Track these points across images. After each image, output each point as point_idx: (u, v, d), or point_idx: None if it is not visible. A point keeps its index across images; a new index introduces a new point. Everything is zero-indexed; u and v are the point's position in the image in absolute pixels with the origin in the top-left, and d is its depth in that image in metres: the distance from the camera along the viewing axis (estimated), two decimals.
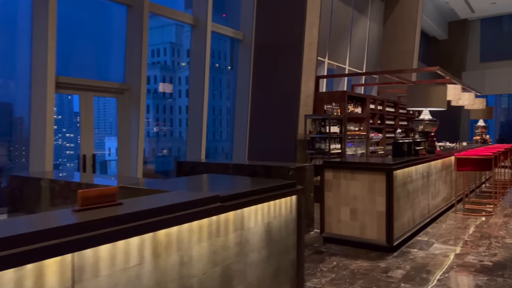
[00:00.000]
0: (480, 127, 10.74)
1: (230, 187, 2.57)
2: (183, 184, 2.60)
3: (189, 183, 2.62)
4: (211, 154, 9.28)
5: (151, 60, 18.98)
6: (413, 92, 5.87)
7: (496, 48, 17.76)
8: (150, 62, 13.69)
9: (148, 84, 14.21)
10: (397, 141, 5.03)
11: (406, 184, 4.60)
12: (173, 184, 2.56)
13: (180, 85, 37.85)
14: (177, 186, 2.45)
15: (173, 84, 19.86)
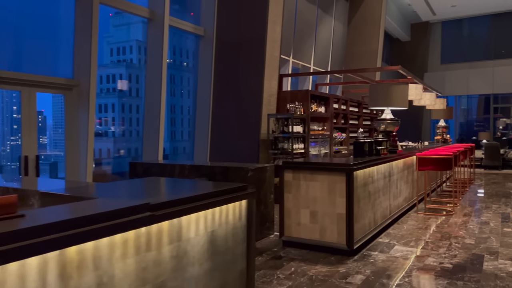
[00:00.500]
0: (441, 127, 10.94)
1: (168, 192, 2.31)
2: (115, 189, 2.32)
3: (121, 189, 2.34)
4: (172, 154, 8.96)
5: (116, 58, 18.38)
6: (375, 91, 5.79)
7: (456, 50, 18.30)
8: (115, 60, 13.25)
9: (113, 83, 13.63)
10: (358, 140, 4.92)
11: (367, 185, 4.48)
12: (104, 189, 2.27)
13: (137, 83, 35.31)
14: (107, 192, 2.16)
15: (141, 82, 19.25)
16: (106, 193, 2.14)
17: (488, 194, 7.96)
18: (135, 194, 2.23)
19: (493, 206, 6.63)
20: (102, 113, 28.93)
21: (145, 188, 2.33)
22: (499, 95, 18.35)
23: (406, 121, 17.77)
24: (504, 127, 20.78)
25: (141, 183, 2.48)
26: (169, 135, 17.59)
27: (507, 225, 5.29)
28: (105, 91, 26.45)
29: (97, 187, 2.41)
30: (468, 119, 22.25)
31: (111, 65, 25.33)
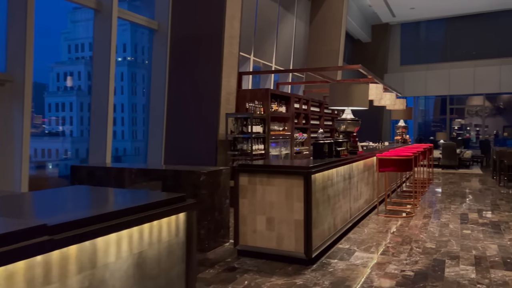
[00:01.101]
0: (401, 127, 11.02)
1: (83, 207, 1.94)
2: (11, 204, 1.91)
3: (18, 203, 1.94)
4: (133, 155, 8.48)
5: (74, 55, 17.51)
6: (335, 90, 5.61)
7: (414, 52, 18.71)
8: (73, 57, 12.68)
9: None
10: (317, 141, 4.70)
11: (326, 188, 4.26)
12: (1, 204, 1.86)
13: None
14: (2, 208, 1.77)
15: None
16: (1, 209, 1.74)
17: (447, 194, 8.02)
18: (37, 211, 1.84)
19: (451, 207, 6.63)
20: (59, 112, 27.81)
21: (53, 202, 1.95)
22: (454, 96, 18.94)
23: (367, 122, 17.96)
24: (459, 127, 21.52)
25: (52, 194, 2.09)
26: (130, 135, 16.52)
27: (466, 227, 5.25)
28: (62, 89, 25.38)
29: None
30: (426, 120, 22.90)
31: (68, 62, 24.18)
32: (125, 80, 53.01)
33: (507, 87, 16.23)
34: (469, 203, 7.04)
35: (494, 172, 10.38)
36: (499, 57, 16.23)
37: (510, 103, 20.87)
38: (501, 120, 21.07)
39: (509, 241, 4.54)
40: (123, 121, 50.10)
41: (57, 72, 53.04)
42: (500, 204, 6.91)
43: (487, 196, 7.76)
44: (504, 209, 6.43)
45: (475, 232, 4.97)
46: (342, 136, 5.83)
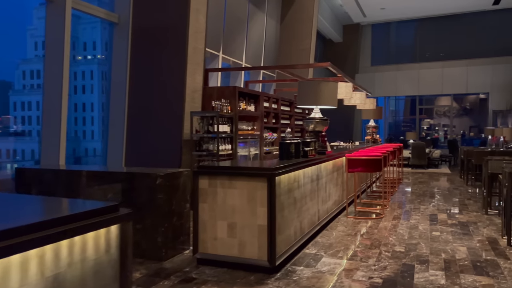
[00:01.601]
0: (371, 127, 10.99)
1: None
2: None
3: None
4: (93, 156, 8.03)
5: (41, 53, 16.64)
6: (303, 88, 5.40)
7: (384, 53, 18.90)
8: (40, 54, 11.95)
9: (38, 79, 12.06)
10: (284, 141, 4.47)
11: (292, 190, 4.03)
12: None
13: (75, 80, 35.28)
14: None
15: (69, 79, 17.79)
16: None
17: (416, 194, 7.98)
18: None
19: (421, 208, 6.56)
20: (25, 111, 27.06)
21: None
22: (423, 97, 19.24)
23: (338, 121, 17.95)
24: (428, 127, 21.93)
25: None
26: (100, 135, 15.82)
27: (436, 228, 5.14)
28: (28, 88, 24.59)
29: None
30: (397, 120, 23.22)
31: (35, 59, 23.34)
32: (95, 79, 51.40)
33: (473, 88, 16.60)
34: (438, 203, 7.00)
35: (462, 172, 10.49)
36: (466, 59, 16.56)
37: (476, 104, 21.43)
38: (467, 120, 21.61)
39: (478, 243, 4.45)
40: (92, 121, 48.57)
41: (22, 70, 50.80)
42: (468, 204, 6.90)
43: (455, 196, 7.77)
44: (472, 209, 6.40)
45: (444, 233, 4.87)
46: (311, 135, 5.64)
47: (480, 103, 20.79)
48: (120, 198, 3.96)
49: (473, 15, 16.42)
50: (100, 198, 4.02)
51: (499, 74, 15.83)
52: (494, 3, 14.87)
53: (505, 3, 14.87)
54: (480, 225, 5.31)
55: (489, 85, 16.11)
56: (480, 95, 19.94)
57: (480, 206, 6.58)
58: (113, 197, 3.99)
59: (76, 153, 37.61)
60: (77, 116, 45.47)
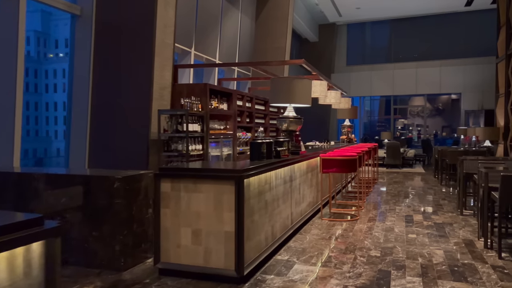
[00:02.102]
0: (346, 127, 10.88)
1: None
2: None
3: None
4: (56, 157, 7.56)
5: None
6: (276, 86, 5.17)
7: (360, 53, 18.95)
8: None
9: None
10: (255, 141, 4.21)
11: (263, 193, 3.78)
12: None
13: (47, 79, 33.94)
14: None
15: (40, 77, 17.36)
16: None
17: (391, 195, 7.88)
18: None
19: (396, 208, 6.43)
20: None
21: None
22: (398, 97, 19.40)
23: (313, 120, 17.84)
24: (402, 127, 22.16)
25: None
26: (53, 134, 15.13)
27: (412, 230, 5.00)
28: None
29: None
30: (372, 120, 23.39)
31: None
32: (67, 77, 49.80)
33: (446, 88, 16.82)
34: (413, 203, 6.90)
35: (436, 171, 10.51)
36: (439, 59, 16.76)
37: (448, 104, 21.80)
38: (440, 120, 21.96)
39: (454, 246, 4.31)
40: (65, 120, 46.99)
41: None
42: (443, 204, 6.83)
43: (430, 196, 7.71)
44: (447, 209, 6.32)
45: (421, 236, 4.73)
46: (284, 135, 5.41)
47: (453, 103, 21.15)
48: (74, 203, 3.61)
49: (446, 16, 16.63)
50: (52, 204, 3.67)
51: (471, 75, 16.08)
52: (466, 4, 15.08)
53: (477, 5, 15.10)
54: (456, 226, 5.20)
55: (461, 86, 16.35)
56: (452, 95, 20.27)
57: (455, 207, 6.51)
58: (67, 202, 3.64)
59: (48, 154, 36.25)
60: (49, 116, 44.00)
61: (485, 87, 15.45)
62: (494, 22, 11.52)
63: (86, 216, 3.60)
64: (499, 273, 3.48)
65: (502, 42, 10.50)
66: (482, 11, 15.68)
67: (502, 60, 10.47)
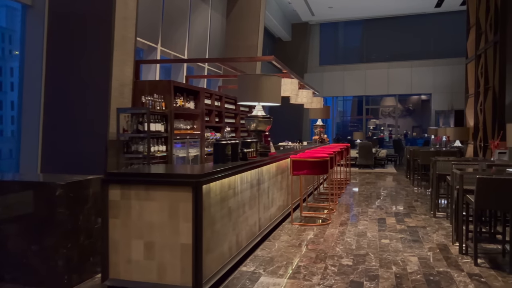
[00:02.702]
0: (319, 127, 10.69)
1: None
2: None
3: None
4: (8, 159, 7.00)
5: None
6: (244, 83, 4.86)
7: (333, 53, 18.89)
8: None
9: None
10: (219, 142, 3.88)
11: (227, 199, 3.46)
12: None
13: (12, 77, 31.69)
14: None
15: (4, 75, 16.66)
16: None
17: (364, 196, 7.71)
18: None
19: (369, 211, 6.24)
20: None
21: None
22: (370, 97, 19.48)
23: (287, 120, 17.67)
24: (374, 127, 22.31)
25: None
26: None
27: (385, 235, 4.79)
28: None
29: None
30: (344, 120, 23.45)
31: None
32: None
33: (417, 88, 16.96)
34: (385, 205, 6.74)
35: (408, 171, 10.47)
36: (410, 60, 16.89)
37: (418, 104, 22.11)
38: (410, 121, 22.24)
39: (429, 251, 4.12)
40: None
41: None
42: (416, 206, 6.69)
43: (402, 197, 7.58)
44: (420, 211, 6.18)
45: (394, 241, 4.52)
46: (253, 135, 5.11)
47: (423, 104, 21.46)
48: (10, 213, 3.18)
49: (417, 17, 16.78)
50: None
51: (441, 75, 16.27)
52: (436, 6, 15.23)
53: (447, 6, 15.28)
54: (429, 230, 5.03)
55: (431, 86, 16.52)
56: (423, 96, 20.55)
57: (427, 208, 6.38)
58: (2, 212, 3.20)
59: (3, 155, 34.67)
60: (14, 115, 42.23)
61: (455, 87, 15.66)
62: (464, 24, 11.61)
63: (24, 228, 3.18)
64: (476, 282, 3.29)
65: (472, 42, 10.56)
66: (452, 13, 15.89)
67: (472, 61, 10.53)
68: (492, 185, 3.62)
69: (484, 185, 3.63)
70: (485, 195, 3.65)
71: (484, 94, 9.29)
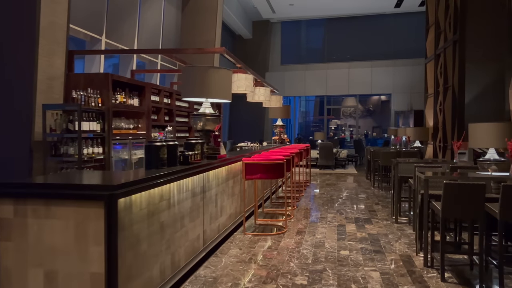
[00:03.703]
0: (279, 127, 10.26)
1: None
2: None
3: None
4: None
5: None
6: (188, 76, 4.29)
7: (294, 52, 18.58)
8: None
9: None
10: (151, 144, 3.29)
11: (157, 214, 2.88)
12: None
13: None
14: None
15: None
16: None
17: (323, 199, 7.32)
18: None
19: (328, 216, 5.82)
20: None
21: None
22: (331, 97, 19.35)
23: (248, 120, 17.14)
24: (335, 127, 22.28)
25: None
26: None
27: (344, 245, 4.36)
28: None
29: None
30: (307, 120, 23.28)
31: None
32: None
33: (377, 89, 16.94)
34: (345, 209, 6.36)
35: (369, 172, 10.23)
36: (371, 60, 16.85)
37: (378, 105, 22.28)
38: (371, 121, 22.37)
39: (392, 264, 3.71)
40: None
41: None
42: (377, 210, 6.35)
43: (363, 200, 7.25)
44: (381, 216, 5.83)
45: (354, 252, 4.10)
46: (200, 135, 4.54)
47: (382, 104, 21.63)
48: None
49: (377, 18, 16.76)
50: None
51: (400, 76, 16.32)
52: (396, 6, 15.23)
53: (406, 7, 15.32)
54: (391, 238, 4.66)
55: (391, 87, 16.54)
56: (382, 96, 20.70)
57: (389, 213, 6.06)
58: None
59: None
60: None
61: (414, 88, 15.74)
62: (423, 24, 11.56)
63: None
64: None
65: (431, 42, 10.48)
66: (411, 14, 15.98)
67: (431, 60, 10.45)
68: (461, 191, 3.25)
69: (452, 191, 3.26)
70: (453, 203, 3.28)
71: (443, 93, 9.18)
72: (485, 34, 7.87)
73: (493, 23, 7.84)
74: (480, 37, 7.87)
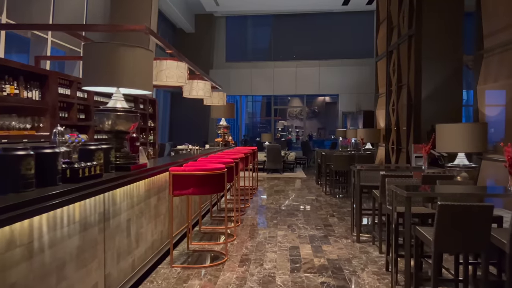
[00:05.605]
0: (222, 127, 9.19)
1: None
2: None
3: None
4: None
5: None
6: (91, 57, 3.12)
7: (240, 49, 17.60)
8: None
9: None
10: (6, 154, 2.08)
11: (6, 270, 1.69)
12: None
13: None
14: None
15: None
16: None
17: (272, 211, 6.36)
18: None
19: (278, 235, 4.85)
20: None
21: None
22: (278, 97, 18.60)
23: (191, 120, 15.86)
24: (282, 128, 21.61)
25: None
26: None
27: (300, 281, 3.38)
28: None
29: None
30: (254, 121, 22.40)
31: None
32: None
33: (325, 89, 16.39)
34: (298, 224, 5.43)
35: (319, 177, 9.47)
36: (318, 60, 16.28)
37: (324, 106, 21.93)
38: (316, 123, 21.96)
39: None
40: None
41: None
42: (333, 223, 5.49)
43: (316, 211, 6.38)
44: (339, 232, 4.96)
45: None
46: (109, 138, 3.36)
47: (327, 105, 21.30)
48: None
49: (325, 16, 16.24)
50: None
51: (348, 76, 15.87)
52: (343, 3, 14.75)
53: (354, 5, 14.88)
54: (356, 265, 3.76)
55: (338, 87, 16.06)
56: (327, 98, 20.34)
57: (347, 228, 5.21)
58: None
59: None
60: None
61: (362, 88, 15.36)
62: (371, 24, 11.05)
63: None
64: None
65: (382, 38, 9.94)
66: (359, 13, 15.60)
67: (383, 58, 9.91)
68: (465, 214, 2.38)
69: (450, 215, 2.38)
70: (451, 230, 2.40)
71: (396, 92, 8.61)
72: (443, 29, 7.34)
73: (449, 18, 7.35)
74: (438, 32, 7.33)
